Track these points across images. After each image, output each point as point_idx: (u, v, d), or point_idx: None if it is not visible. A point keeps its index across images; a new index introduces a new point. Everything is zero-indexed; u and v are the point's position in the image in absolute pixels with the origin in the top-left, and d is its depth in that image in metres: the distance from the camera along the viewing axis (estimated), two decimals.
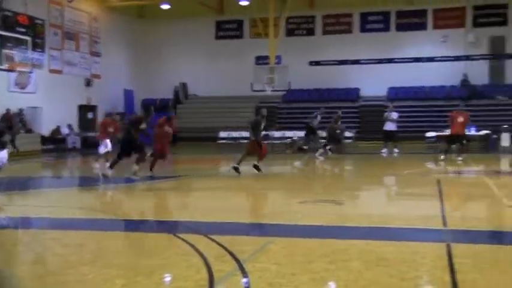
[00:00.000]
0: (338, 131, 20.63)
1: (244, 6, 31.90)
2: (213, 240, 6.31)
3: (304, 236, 6.88)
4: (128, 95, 34.67)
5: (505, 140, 22.11)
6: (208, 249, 5.89)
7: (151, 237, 7.15)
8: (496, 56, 31.06)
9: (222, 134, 29.20)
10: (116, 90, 33.09)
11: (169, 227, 7.71)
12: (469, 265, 5.46)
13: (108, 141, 17.61)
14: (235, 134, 27.46)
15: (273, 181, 13.73)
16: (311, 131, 22.81)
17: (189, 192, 12.15)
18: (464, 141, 18.15)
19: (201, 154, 24.41)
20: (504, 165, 17.70)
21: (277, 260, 5.58)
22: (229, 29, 35.62)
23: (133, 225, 8.09)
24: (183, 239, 6.40)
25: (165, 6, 33.26)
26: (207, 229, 7.04)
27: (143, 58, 35.64)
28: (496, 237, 7.16)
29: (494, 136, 22.49)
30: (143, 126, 13.09)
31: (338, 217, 8.30)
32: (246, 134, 26.72)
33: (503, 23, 30.73)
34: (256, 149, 14.19)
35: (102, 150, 17.64)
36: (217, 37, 35.78)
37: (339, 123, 20.76)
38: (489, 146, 22.29)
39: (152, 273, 5.11)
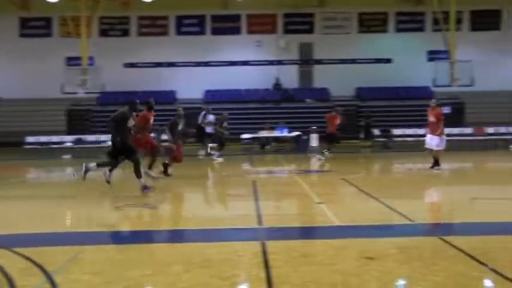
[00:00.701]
0: (223, 133, 20.37)
1: (53, 3, 30.14)
2: (17, 253, 5.77)
3: (120, 242, 6.61)
4: None
5: (313, 140, 23.51)
6: (11, 263, 5.38)
7: None
8: (304, 61, 33.04)
9: (30, 139, 27.19)
10: None
11: None
12: (282, 260, 5.67)
13: None
14: (44, 139, 25.84)
15: (90, 186, 13.05)
16: (202, 132, 21.85)
17: None
18: (338, 141, 19.62)
19: (5, 160, 22.57)
20: (313, 164, 18.78)
21: (91, 270, 5.28)
22: (35, 27, 33.52)
23: None
24: None
25: None
26: (10, 242, 6.43)
27: None
28: (306, 232, 7.49)
29: (304, 137, 23.77)
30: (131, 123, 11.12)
31: (155, 221, 8.10)
32: (56, 138, 25.41)
33: (311, 30, 32.80)
34: (171, 150, 14.02)
35: None
36: (22, 35, 33.48)
37: (225, 124, 20.50)
38: (299, 147, 23.52)
39: None
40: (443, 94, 29.77)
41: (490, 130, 25.38)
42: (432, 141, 14.67)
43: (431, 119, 14.77)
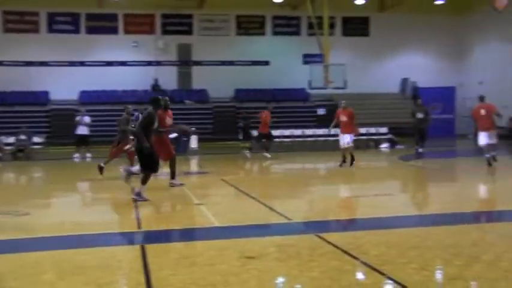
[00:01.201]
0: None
1: None
2: None
3: None
4: None
5: (193, 142, 23.47)
6: None
7: None
8: (183, 62, 32.89)
9: None
10: None
11: None
12: (161, 263, 5.60)
13: None
14: None
15: None
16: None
17: None
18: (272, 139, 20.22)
19: None
20: (193, 166, 18.76)
21: None
22: None
23: None
24: None
25: None
26: None
27: None
28: (186, 234, 7.45)
29: (184, 138, 23.64)
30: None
31: (24, 229, 7.66)
32: None
33: (190, 31, 32.70)
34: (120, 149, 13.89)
35: None
36: None
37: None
38: (179, 148, 23.34)
39: None
40: (319, 96, 30.93)
41: (362, 130, 26.67)
42: (345, 139, 15.50)
43: (344, 118, 15.57)
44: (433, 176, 15.02)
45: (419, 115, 20.07)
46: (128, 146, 13.72)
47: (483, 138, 14.78)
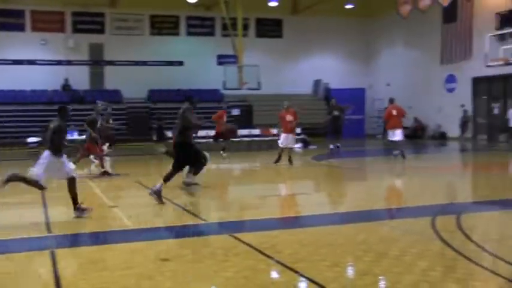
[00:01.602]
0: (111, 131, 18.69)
1: None
2: None
3: None
4: None
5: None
6: None
7: None
8: (95, 62, 32.06)
9: None
10: None
11: None
12: (72, 268, 5.48)
13: None
14: None
15: None
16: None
17: None
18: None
19: None
20: (106, 168, 18.33)
21: None
22: None
23: None
24: None
25: None
26: None
27: None
28: (99, 237, 7.28)
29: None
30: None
31: None
32: None
33: (102, 31, 31.93)
34: (93, 149, 13.94)
35: None
36: None
37: (111, 121, 19.04)
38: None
39: None
40: (233, 97, 31.06)
41: (275, 131, 27.07)
42: (288, 139, 15.92)
43: (291, 118, 15.86)
44: (345, 175, 15.48)
45: (336, 113, 20.81)
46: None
47: (393, 135, 17.19)
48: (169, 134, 24.31)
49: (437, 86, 30.00)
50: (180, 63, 32.45)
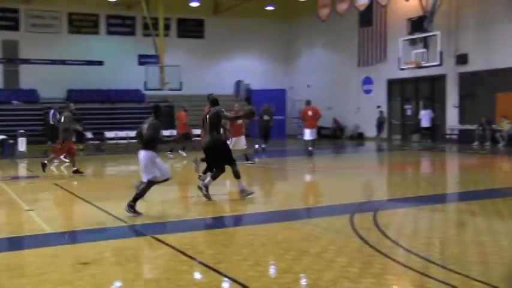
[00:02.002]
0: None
1: None
2: None
3: None
4: None
5: (21, 144, 22.14)
6: None
7: None
8: (9, 60, 30.81)
9: None
10: None
11: None
12: None
13: None
14: None
15: None
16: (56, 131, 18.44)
17: None
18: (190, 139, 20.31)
19: None
20: (22, 170, 17.72)
21: None
22: None
23: None
24: None
25: None
26: None
27: None
28: (13, 243, 7.04)
29: (11, 141, 22.26)
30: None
31: None
32: None
33: (16, 27, 30.73)
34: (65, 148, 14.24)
35: None
36: None
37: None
38: (5, 151, 21.92)
39: None
40: (155, 97, 30.65)
41: (197, 132, 27.00)
42: (242, 141, 16.12)
43: (241, 121, 15.92)
44: (266, 175, 15.66)
45: (266, 117, 21.18)
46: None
47: (308, 134, 18.68)
48: (88, 135, 23.86)
49: (355, 87, 30.91)
50: (100, 62, 31.73)
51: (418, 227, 7.68)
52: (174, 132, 27.17)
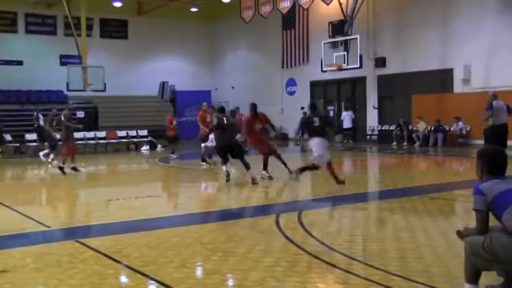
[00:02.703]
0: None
1: None
2: None
3: None
4: None
5: None
6: None
7: None
8: None
9: None
10: None
11: None
12: None
13: None
14: None
15: None
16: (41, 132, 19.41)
17: None
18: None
19: None
20: None
21: None
22: None
23: None
24: None
25: None
26: None
27: None
28: None
29: None
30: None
31: None
32: None
33: None
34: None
35: None
36: None
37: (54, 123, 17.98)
38: None
39: None
40: (78, 98, 29.90)
41: (122, 133, 26.58)
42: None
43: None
44: (192, 176, 15.62)
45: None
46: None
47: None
48: (8, 137, 23.04)
49: (279, 89, 31.35)
50: (19, 62, 30.62)
51: (341, 225, 7.90)
52: (98, 133, 26.70)
